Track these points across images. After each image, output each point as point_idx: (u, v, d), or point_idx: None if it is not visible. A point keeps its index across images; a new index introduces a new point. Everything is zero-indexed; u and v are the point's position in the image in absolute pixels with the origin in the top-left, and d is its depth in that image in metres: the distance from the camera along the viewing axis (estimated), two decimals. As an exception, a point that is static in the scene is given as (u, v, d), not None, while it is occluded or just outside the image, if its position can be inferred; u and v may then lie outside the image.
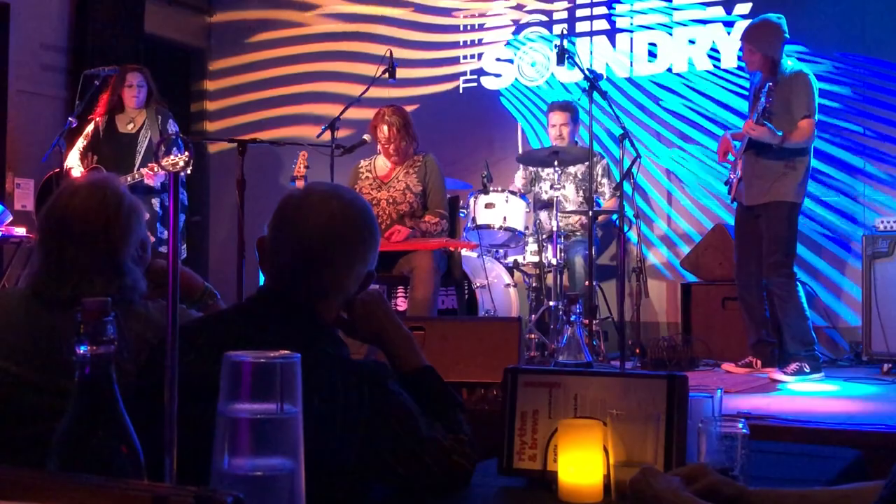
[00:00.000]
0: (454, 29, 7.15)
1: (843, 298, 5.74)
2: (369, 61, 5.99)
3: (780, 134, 4.51)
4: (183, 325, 1.63)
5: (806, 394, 4.15)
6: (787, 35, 4.71)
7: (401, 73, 5.59)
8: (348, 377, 1.53)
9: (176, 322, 1.00)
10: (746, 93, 5.39)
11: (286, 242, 1.64)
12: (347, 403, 1.50)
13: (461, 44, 7.13)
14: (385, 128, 5.01)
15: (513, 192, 5.37)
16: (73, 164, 5.47)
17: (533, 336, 5.11)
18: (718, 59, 6.27)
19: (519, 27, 6.94)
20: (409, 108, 5.44)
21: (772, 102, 4.48)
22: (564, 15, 6.78)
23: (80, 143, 5.52)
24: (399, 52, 5.72)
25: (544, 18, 6.86)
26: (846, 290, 5.72)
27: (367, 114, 5.42)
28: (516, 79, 6.91)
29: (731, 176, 4.89)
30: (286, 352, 0.97)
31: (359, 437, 1.50)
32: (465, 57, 7.10)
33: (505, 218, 5.24)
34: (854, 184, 5.78)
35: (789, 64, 4.70)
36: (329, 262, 1.63)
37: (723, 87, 6.25)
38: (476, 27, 7.09)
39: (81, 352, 0.95)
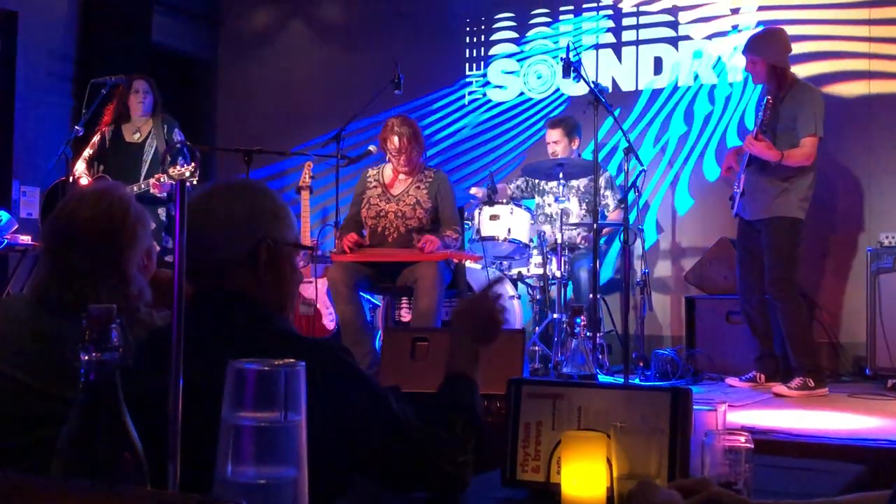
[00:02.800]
0: (461, 40, 7.17)
1: (848, 313, 5.72)
2: (376, 72, 6.00)
3: (779, 152, 4.49)
4: (142, 339, 1.62)
5: (810, 408, 4.14)
6: (791, 47, 4.70)
7: (407, 83, 5.61)
8: (298, 354, 1.49)
9: (181, 331, 1.00)
10: (743, 107, 5.39)
11: None
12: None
13: (467, 55, 7.15)
14: (395, 138, 4.93)
15: (517, 204, 5.37)
16: (81, 172, 5.48)
17: (537, 348, 5.11)
18: (724, 73, 6.28)
19: (525, 40, 6.96)
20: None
21: (769, 116, 4.47)
22: (570, 28, 6.80)
23: (87, 152, 5.53)
24: (406, 63, 5.73)
25: (550, 31, 6.88)
26: (850, 304, 5.70)
27: (373, 124, 5.43)
28: (522, 91, 6.92)
29: (735, 190, 4.89)
30: (291, 360, 0.97)
31: (326, 418, 1.45)
32: (471, 68, 7.12)
33: (509, 230, 5.24)
34: (859, 199, 5.77)
35: (798, 78, 4.69)
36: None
37: (728, 101, 6.25)
38: (482, 39, 7.11)
39: (86, 358, 0.95)
